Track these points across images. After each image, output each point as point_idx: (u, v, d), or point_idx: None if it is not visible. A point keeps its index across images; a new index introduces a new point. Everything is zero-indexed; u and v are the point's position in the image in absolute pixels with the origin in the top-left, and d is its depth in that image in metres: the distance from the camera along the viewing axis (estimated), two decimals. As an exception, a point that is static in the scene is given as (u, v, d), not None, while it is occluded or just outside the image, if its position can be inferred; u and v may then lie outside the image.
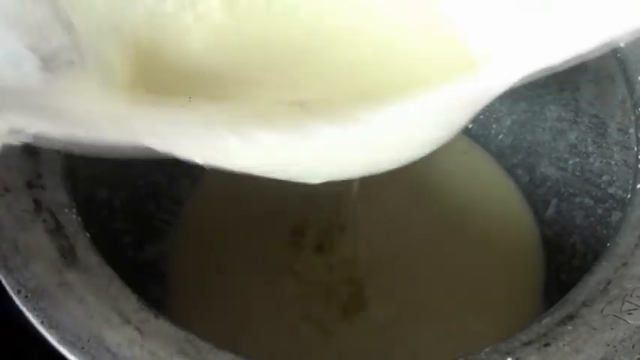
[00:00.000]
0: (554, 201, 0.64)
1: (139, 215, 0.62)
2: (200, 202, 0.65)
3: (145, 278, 0.57)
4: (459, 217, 0.66)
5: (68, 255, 0.38)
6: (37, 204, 0.40)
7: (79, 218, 0.40)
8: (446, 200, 0.67)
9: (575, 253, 0.62)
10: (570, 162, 0.63)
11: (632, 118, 0.47)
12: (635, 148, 0.45)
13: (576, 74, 0.60)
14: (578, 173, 0.62)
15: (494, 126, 0.69)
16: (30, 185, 0.40)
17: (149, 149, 0.31)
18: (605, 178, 0.59)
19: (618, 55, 0.49)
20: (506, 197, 0.67)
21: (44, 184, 0.41)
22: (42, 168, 0.41)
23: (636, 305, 0.36)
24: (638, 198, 0.42)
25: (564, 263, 0.63)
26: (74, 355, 0.35)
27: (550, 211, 0.65)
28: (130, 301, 0.37)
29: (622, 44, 0.49)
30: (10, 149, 0.39)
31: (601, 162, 0.59)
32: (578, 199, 0.62)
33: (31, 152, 0.41)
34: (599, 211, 0.59)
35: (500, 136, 0.68)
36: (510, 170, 0.69)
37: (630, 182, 0.45)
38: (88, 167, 0.51)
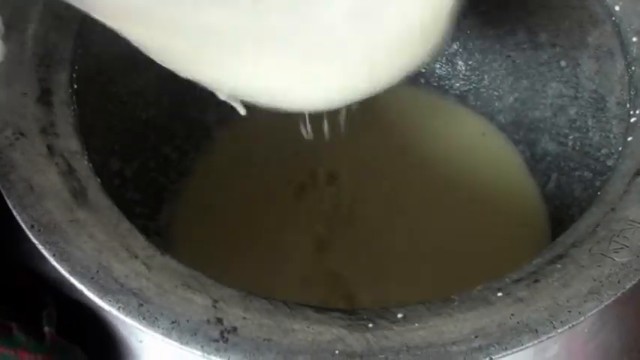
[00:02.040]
0: (554, 175, 0.66)
1: (149, 186, 0.64)
2: (205, 174, 0.67)
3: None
4: (470, 194, 0.67)
5: (79, 196, 0.40)
6: (51, 149, 0.41)
7: (91, 165, 0.42)
8: (458, 176, 0.68)
9: (574, 224, 0.63)
10: (570, 137, 0.64)
11: (628, 80, 0.48)
12: (629, 105, 0.46)
13: (577, 51, 0.61)
14: (577, 147, 0.63)
15: (496, 104, 0.70)
16: (44, 132, 0.42)
17: None
18: (603, 151, 0.60)
19: (613, 18, 0.50)
20: (516, 174, 0.68)
21: (57, 132, 0.42)
22: (55, 118, 0.43)
23: (623, 245, 0.38)
24: (628, 150, 0.43)
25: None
26: (84, 284, 0.36)
27: (550, 185, 0.66)
28: (137, 240, 0.39)
29: (617, 7, 0.50)
30: (25, 99, 0.41)
31: (600, 136, 0.60)
32: (577, 173, 0.63)
33: (45, 102, 0.43)
34: (598, 183, 0.60)
35: (503, 114, 0.70)
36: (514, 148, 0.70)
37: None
38: (101, 138, 0.53)
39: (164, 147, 0.65)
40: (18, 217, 0.38)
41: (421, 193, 0.66)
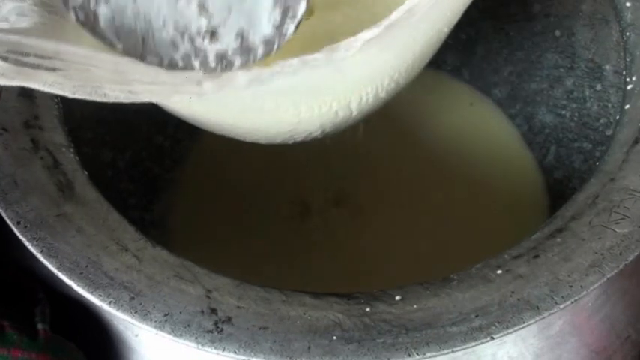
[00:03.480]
0: (552, 148, 0.65)
1: (143, 176, 0.63)
2: (200, 161, 0.66)
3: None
4: (465, 167, 0.67)
5: (66, 190, 0.39)
6: (35, 143, 0.40)
7: (77, 158, 0.41)
8: (452, 151, 0.67)
9: (575, 197, 0.62)
10: (568, 108, 0.63)
11: (623, 46, 0.47)
12: (624, 72, 0.45)
13: (571, 19, 0.60)
14: (575, 118, 0.62)
15: (492, 77, 0.69)
16: (27, 125, 0.41)
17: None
18: (602, 121, 0.59)
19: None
20: (511, 146, 0.68)
21: (41, 125, 0.42)
22: (39, 110, 0.42)
23: (623, 215, 0.37)
24: (626, 118, 0.42)
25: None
26: (73, 280, 0.35)
27: (549, 158, 0.65)
28: (127, 232, 0.38)
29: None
30: (6, 93, 0.40)
31: (598, 106, 0.60)
32: (576, 144, 0.62)
33: (27, 95, 0.42)
34: (597, 154, 0.60)
35: (499, 87, 0.69)
36: (509, 120, 0.69)
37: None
38: (91, 130, 0.52)
39: (156, 136, 0.65)
40: (3, 214, 0.37)
41: (417, 168, 0.66)
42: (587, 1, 0.57)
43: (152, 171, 0.64)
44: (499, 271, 0.36)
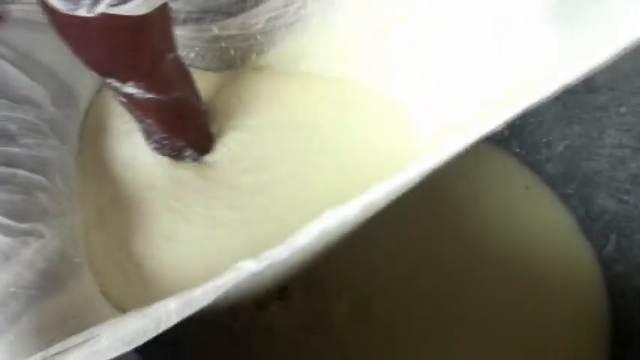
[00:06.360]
0: (613, 237, 0.58)
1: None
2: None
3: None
4: (518, 255, 0.60)
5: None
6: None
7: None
8: (505, 238, 0.61)
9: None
10: (632, 193, 0.57)
11: None
12: None
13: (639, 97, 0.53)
14: (641, 206, 0.56)
15: (544, 151, 0.62)
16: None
17: None
18: (672, 212, 0.53)
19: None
20: (567, 235, 0.61)
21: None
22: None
23: None
24: None
25: (627, 308, 0.56)
26: None
27: (609, 249, 0.58)
28: None
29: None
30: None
31: (668, 194, 0.53)
32: (640, 236, 0.56)
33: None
34: (665, 249, 0.53)
35: (551, 163, 0.62)
36: (563, 201, 0.62)
37: None
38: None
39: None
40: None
41: (457, 255, 0.60)
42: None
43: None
44: None
